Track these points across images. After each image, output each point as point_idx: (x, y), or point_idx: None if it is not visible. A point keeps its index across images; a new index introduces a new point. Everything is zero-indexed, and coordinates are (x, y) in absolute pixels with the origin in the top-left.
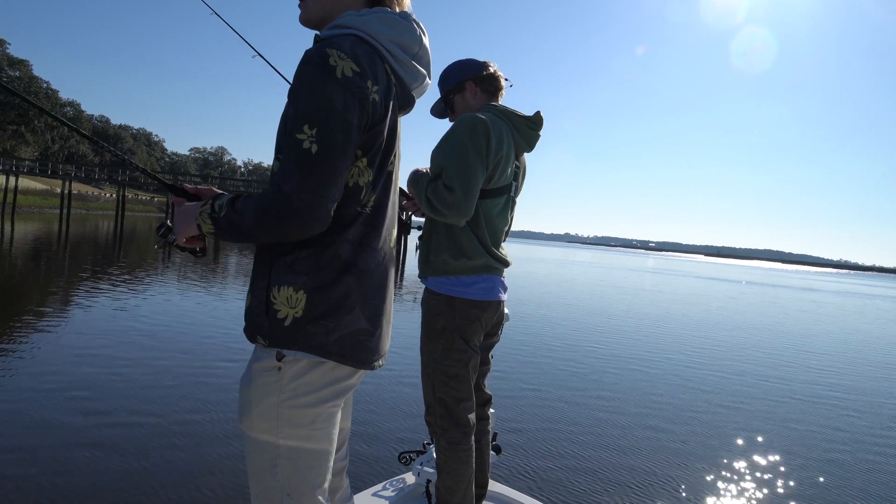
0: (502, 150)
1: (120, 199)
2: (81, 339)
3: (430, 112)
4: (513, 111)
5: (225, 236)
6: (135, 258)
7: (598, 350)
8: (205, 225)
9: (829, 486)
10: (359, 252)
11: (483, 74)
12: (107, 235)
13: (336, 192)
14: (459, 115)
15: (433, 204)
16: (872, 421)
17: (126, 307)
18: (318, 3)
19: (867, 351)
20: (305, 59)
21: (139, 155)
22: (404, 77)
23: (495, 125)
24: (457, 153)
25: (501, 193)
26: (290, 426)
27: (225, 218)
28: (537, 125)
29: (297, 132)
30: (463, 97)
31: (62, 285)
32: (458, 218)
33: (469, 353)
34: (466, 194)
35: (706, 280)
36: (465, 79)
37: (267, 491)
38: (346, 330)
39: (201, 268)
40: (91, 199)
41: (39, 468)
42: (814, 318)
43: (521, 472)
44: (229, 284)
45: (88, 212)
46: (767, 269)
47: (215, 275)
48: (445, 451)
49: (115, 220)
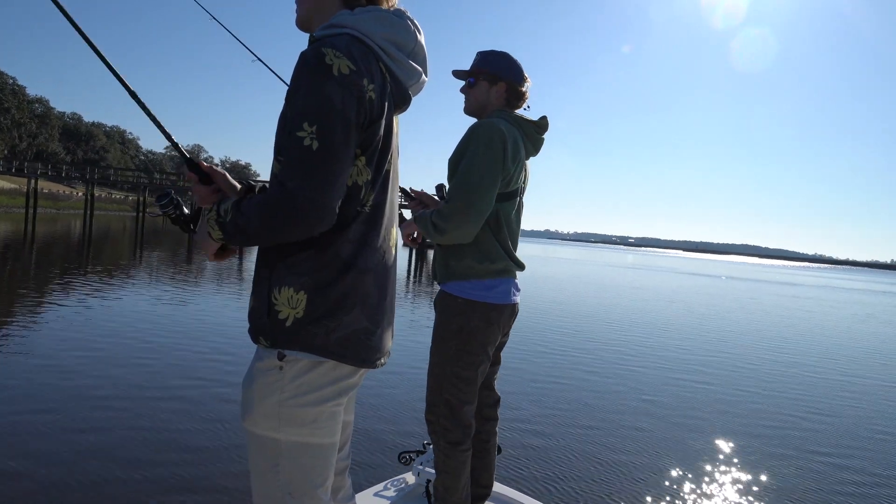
0: (519, 155)
1: (88, 197)
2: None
3: (451, 73)
4: (523, 117)
5: (234, 241)
6: (105, 262)
7: (599, 350)
8: (214, 232)
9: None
10: (358, 251)
11: (518, 87)
12: (74, 236)
13: (339, 189)
14: (473, 100)
15: (437, 225)
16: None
17: (79, 324)
18: (307, 4)
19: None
20: (302, 60)
21: (113, 153)
22: (399, 75)
23: (510, 132)
24: (468, 168)
25: (515, 196)
26: (292, 425)
27: (231, 222)
28: (543, 129)
29: (297, 130)
30: (489, 89)
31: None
32: (461, 228)
33: (482, 357)
34: (468, 206)
35: (706, 278)
36: (504, 78)
37: (269, 490)
38: (346, 329)
39: (172, 270)
40: (62, 199)
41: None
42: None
43: (522, 471)
44: (202, 288)
45: (59, 211)
46: (746, 263)
47: (186, 279)
48: (445, 451)
49: (84, 219)
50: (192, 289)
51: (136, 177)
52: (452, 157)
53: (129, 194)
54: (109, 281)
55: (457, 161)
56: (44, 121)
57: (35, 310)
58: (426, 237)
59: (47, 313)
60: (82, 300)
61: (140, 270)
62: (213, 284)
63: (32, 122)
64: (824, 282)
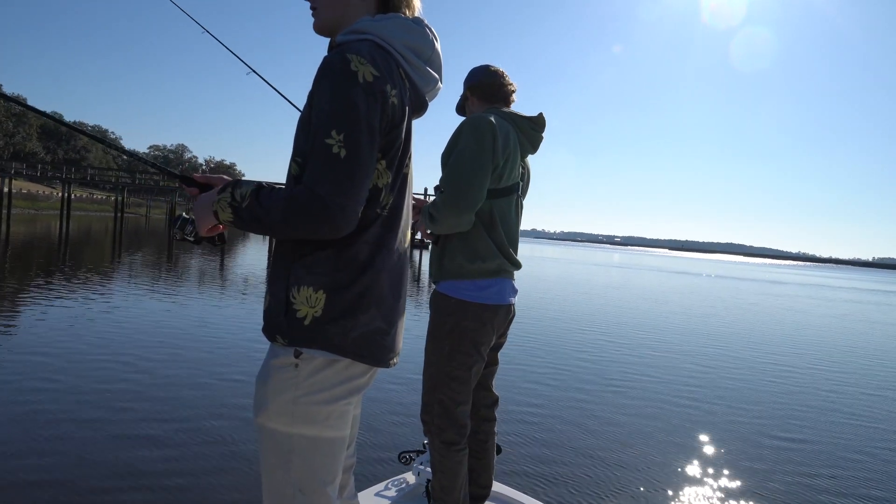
0: (509, 147)
1: (66, 197)
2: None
3: (455, 111)
4: (517, 113)
5: (242, 227)
6: (82, 263)
7: (599, 351)
8: (223, 213)
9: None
10: (376, 253)
11: (486, 81)
12: (50, 237)
13: (364, 194)
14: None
15: (432, 215)
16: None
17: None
18: (329, 11)
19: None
20: (327, 65)
21: (94, 153)
22: (417, 81)
23: (501, 125)
24: (457, 157)
25: (510, 192)
26: (305, 422)
27: (247, 209)
28: (540, 126)
29: (325, 137)
30: (471, 104)
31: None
32: (454, 215)
33: (475, 357)
34: (457, 192)
35: (702, 278)
36: (469, 85)
37: (279, 486)
38: (363, 329)
39: (147, 274)
40: (42, 199)
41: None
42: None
43: (521, 471)
44: (183, 291)
45: (38, 212)
46: (732, 262)
47: (169, 284)
48: (440, 451)
49: (60, 220)
50: (171, 290)
51: (118, 177)
52: (444, 152)
53: (112, 195)
54: (77, 284)
55: (448, 154)
56: (21, 119)
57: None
58: (427, 228)
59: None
60: (43, 306)
61: (118, 272)
62: (193, 286)
63: (9, 120)
64: (815, 280)
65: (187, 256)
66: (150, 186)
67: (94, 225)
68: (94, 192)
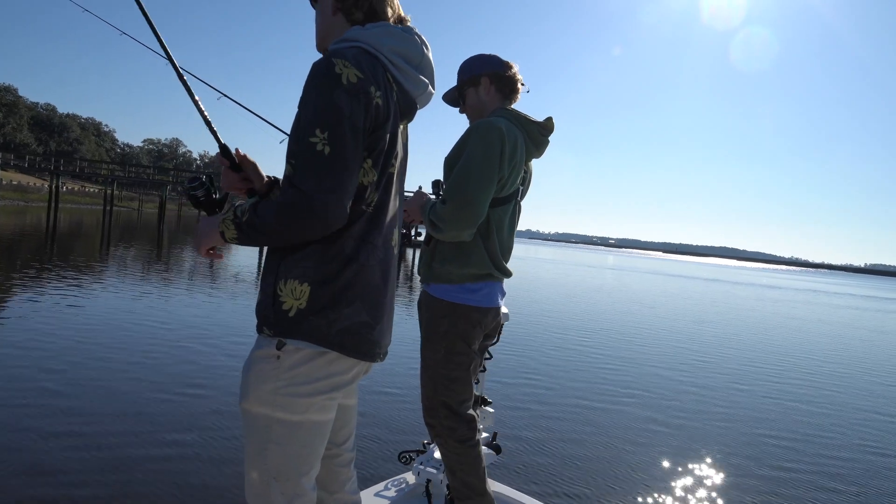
0: (516, 158)
1: (53, 188)
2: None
3: (441, 98)
4: (526, 116)
5: (248, 241)
6: (63, 257)
7: (599, 351)
8: (228, 231)
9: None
10: (360, 248)
11: (501, 74)
12: (37, 230)
13: (351, 190)
14: (471, 111)
15: (433, 223)
16: None
17: None
18: (316, 28)
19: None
20: (314, 69)
21: (87, 146)
22: (406, 85)
23: (510, 132)
24: (463, 169)
25: (510, 200)
26: (284, 412)
27: (247, 223)
28: (548, 131)
29: (309, 136)
30: (477, 91)
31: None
32: (457, 229)
33: (470, 356)
34: (462, 206)
35: (702, 281)
36: (482, 73)
37: (257, 472)
38: (347, 321)
39: (136, 272)
40: (33, 191)
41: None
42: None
43: (521, 471)
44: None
45: (28, 203)
46: (726, 266)
47: (157, 278)
48: (456, 450)
49: (48, 212)
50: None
51: (111, 170)
52: (449, 156)
53: (104, 187)
54: (58, 278)
55: (454, 160)
56: (12, 109)
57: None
58: (427, 231)
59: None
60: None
61: (106, 267)
62: (183, 284)
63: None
64: (809, 285)
65: (185, 258)
66: (142, 180)
67: (85, 218)
68: (87, 185)
